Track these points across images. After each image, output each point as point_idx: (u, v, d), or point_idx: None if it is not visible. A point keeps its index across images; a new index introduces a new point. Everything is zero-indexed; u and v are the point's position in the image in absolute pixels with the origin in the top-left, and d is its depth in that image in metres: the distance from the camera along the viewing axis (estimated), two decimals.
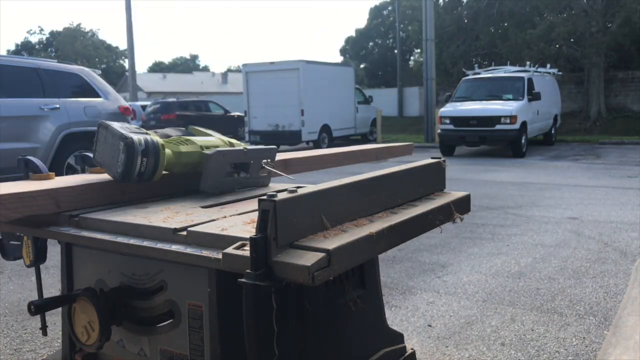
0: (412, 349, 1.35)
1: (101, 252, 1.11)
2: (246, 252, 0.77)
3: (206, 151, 1.55)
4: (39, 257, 1.22)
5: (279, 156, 1.59)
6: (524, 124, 11.92)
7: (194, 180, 1.53)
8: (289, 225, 0.80)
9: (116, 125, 1.41)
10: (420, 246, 4.31)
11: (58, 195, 1.07)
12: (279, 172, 1.63)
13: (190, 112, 18.47)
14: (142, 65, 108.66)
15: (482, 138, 12.03)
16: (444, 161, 1.27)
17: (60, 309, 1.12)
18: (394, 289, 3.33)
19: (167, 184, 1.49)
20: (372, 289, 1.24)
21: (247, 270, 0.75)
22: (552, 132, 14.84)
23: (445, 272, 3.66)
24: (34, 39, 60.05)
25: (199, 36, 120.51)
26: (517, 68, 14.82)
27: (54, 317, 2.28)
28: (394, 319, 2.85)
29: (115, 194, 1.18)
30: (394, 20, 34.36)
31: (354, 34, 42.48)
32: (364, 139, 17.69)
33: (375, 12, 40.58)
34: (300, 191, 0.84)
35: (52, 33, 53.96)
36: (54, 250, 1.39)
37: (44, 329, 1.32)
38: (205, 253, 0.85)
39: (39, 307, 1.04)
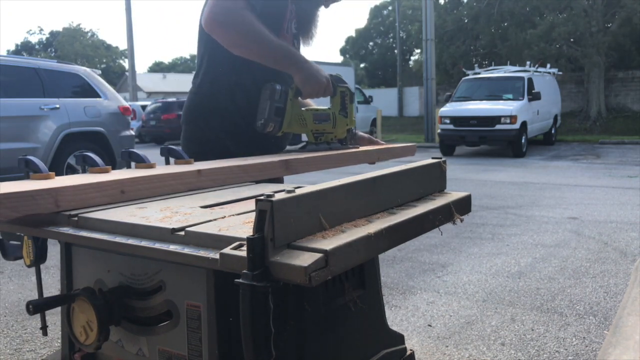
0: (411, 350, 1.34)
1: (100, 252, 1.11)
2: (243, 252, 0.77)
3: (310, 146, 1.77)
4: (39, 257, 1.22)
5: (279, 156, 1.58)
6: (524, 123, 11.92)
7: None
8: (287, 225, 0.79)
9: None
10: (420, 246, 4.31)
11: (58, 194, 1.07)
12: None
13: None
14: (142, 65, 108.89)
15: (482, 138, 12.03)
16: (444, 162, 1.26)
17: (60, 308, 1.12)
18: (394, 289, 3.33)
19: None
20: (372, 290, 1.23)
21: (244, 271, 0.75)
22: (552, 132, 14.84)
23: (445, 272, 3.66)
24: (34, 39, 60.23)
25: None
26: (517, 68, 14.82)
27: (54, 317, 2.28)
28: (394, 319, 2.85)
29: (115, 194, 1.17)
30: (394, 20, 34.35)
31: (354, 34, 42.46)
32: None
33: (375, 12, 40.56)
34: (299, 191, 0.84)
35: (52, 33, 53.97)
36: (54, 250, 1.39)
37: (44, 329, 1.31)
38: (202, 253, 0.85)
39: (37, 307, 1.03)
